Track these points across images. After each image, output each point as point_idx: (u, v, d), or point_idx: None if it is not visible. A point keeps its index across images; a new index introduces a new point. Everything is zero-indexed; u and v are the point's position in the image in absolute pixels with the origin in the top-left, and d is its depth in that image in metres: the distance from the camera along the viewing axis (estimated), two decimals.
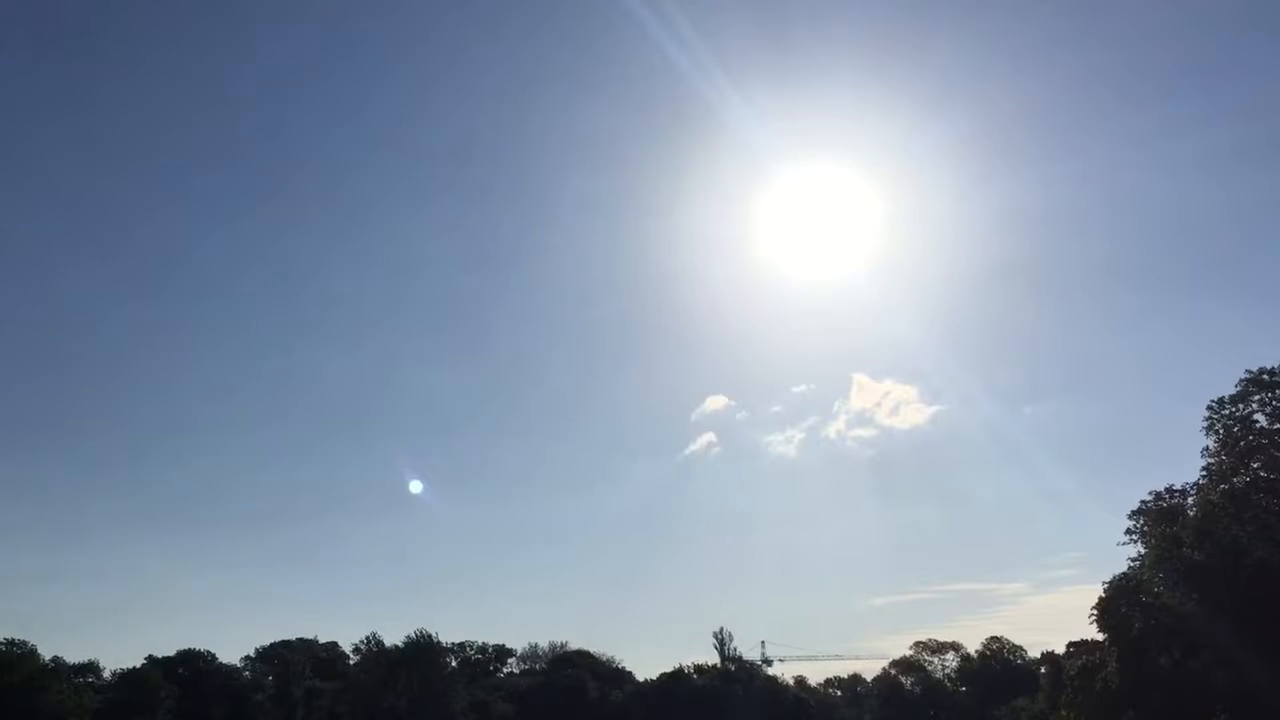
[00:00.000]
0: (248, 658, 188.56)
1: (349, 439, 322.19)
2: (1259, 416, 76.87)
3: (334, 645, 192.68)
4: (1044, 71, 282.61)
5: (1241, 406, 77.17)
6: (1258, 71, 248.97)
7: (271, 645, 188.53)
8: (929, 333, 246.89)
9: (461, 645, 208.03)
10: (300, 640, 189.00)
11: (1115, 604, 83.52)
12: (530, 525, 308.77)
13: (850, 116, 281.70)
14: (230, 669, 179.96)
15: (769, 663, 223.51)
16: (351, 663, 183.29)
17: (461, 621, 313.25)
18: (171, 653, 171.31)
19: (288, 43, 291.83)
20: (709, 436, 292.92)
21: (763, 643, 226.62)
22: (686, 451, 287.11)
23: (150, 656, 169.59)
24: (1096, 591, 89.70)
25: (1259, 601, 71.35)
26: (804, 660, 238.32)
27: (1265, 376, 75.95)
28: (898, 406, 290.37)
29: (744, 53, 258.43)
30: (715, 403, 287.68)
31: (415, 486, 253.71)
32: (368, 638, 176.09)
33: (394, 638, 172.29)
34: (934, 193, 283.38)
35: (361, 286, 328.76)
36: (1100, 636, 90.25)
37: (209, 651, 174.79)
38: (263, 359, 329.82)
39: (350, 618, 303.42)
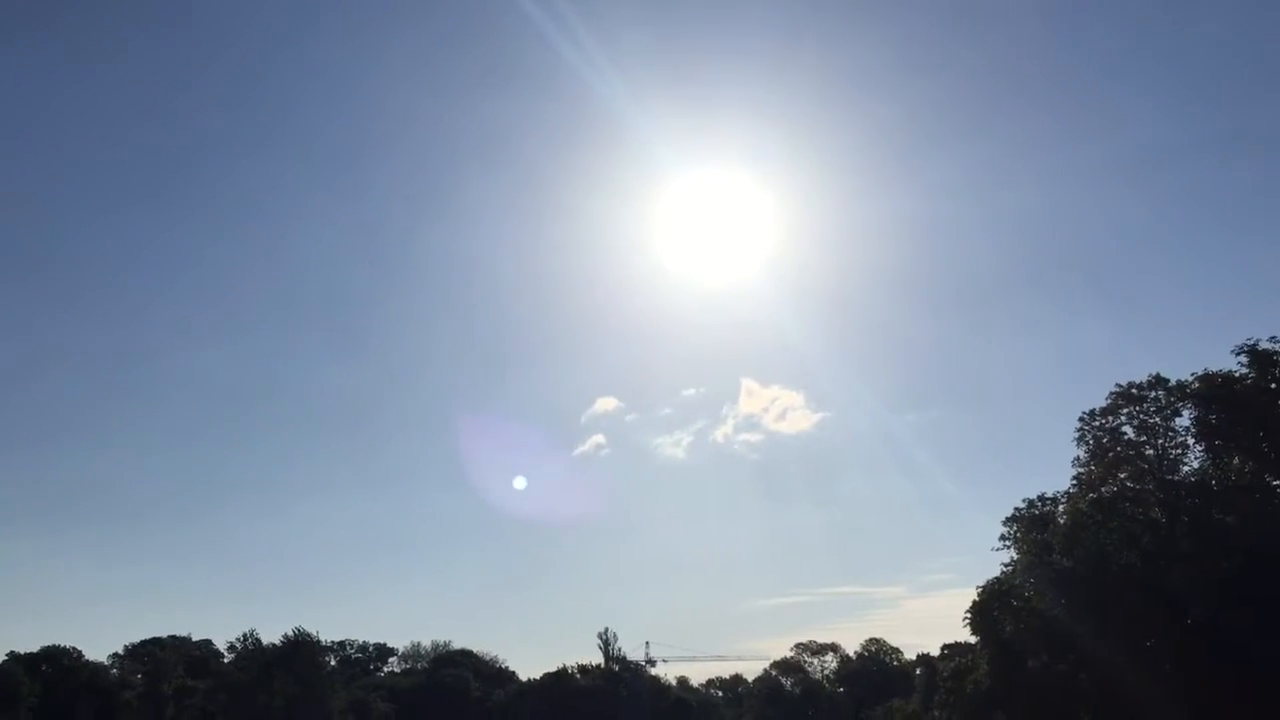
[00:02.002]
0: (116, 655, 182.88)
1: (229, 434, 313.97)
2: (1127, 429, 79.68)
3: (208, 643, 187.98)
4: (928, 81, 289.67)
5: (1111, 419, 79.84)
6: (1131, 85, 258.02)
7: (142, 643, 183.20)
8: (817, 339, 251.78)
9: (341, 644, 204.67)
10: (172, 638, 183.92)
11: (988, 608, 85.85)
12: (417, 523, 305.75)
13: (744, 123, 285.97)
14: (97, 666, 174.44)
15: (653, 663, 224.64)
16: (226, 661, 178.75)
17: (343, 620, 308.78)
18: (35, 649, 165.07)
19: (175, 30, 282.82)
20: (598, 438, 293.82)
21: (647, 643, 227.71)
22: (576, 452, 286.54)
23: (12, 653, 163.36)
24: (971, 596, 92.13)
25: (1123, 607, 74.04)
26: (687, 661, 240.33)
27: (1134, 390, 78.70)
28: (784, 412, 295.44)
29: (640, 59, 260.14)
30: (606, 404, 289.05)
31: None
32: (244, 635, 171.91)
33: (272, 636, 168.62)
34: (825, 200, 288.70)
35: (246, 281, 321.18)
36: (973, 639, 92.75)
37: (74, 648, 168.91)
38: (140, 353, 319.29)
39: (227, 616, 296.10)
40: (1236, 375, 74.40)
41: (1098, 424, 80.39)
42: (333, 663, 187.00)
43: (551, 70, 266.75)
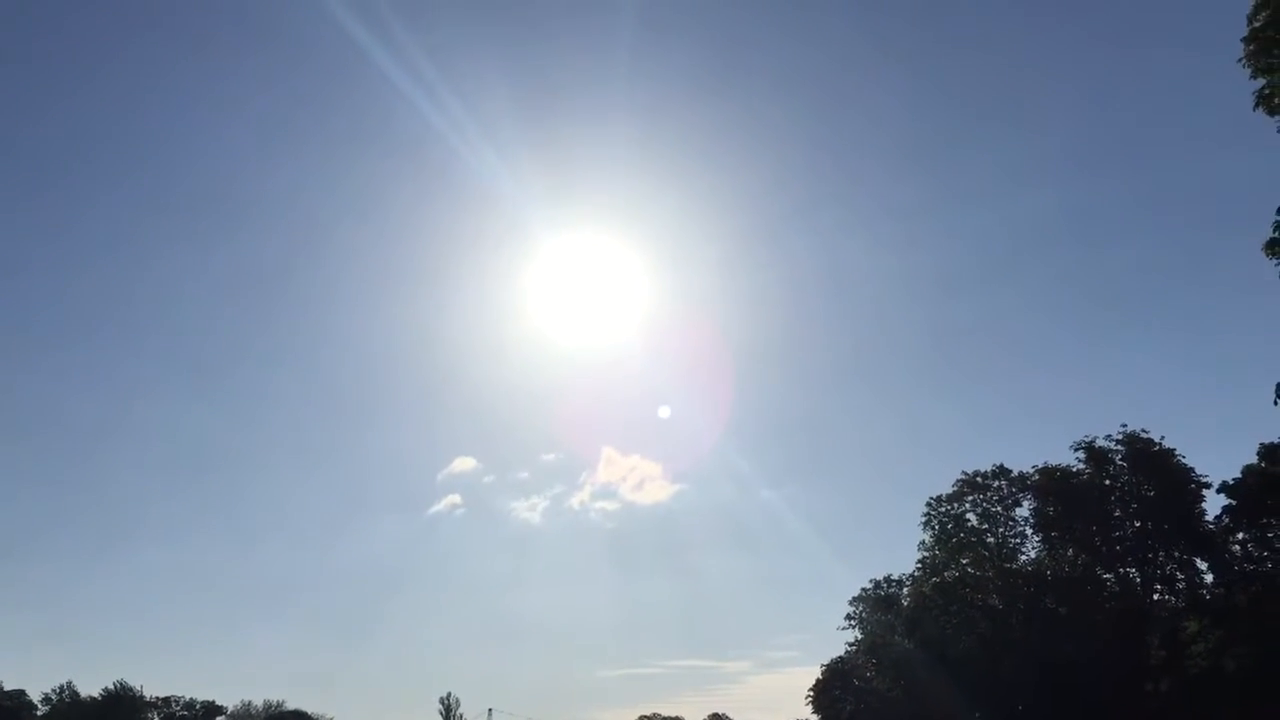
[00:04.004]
0: None
1: (58, 471, 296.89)
2: (970, 515, 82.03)
3: (20, 694, 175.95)
4: (795, 150, 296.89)
5: (956, 505, 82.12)
6: (992, 154, 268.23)
7: None
8: (680, 410, 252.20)
9: (167, 700, 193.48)
10: None
11: (830, 686, 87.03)
12: (255, 575, 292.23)
13: (615, 188, 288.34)
14: None
15: None
16: (40, 714, 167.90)
17: (169, 674, 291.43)
18: None
19: (46, 60, 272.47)
20: (454, 498, 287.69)
21: (490, 710, 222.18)
22: (430, 511, 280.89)
23: None
24: (815, 673, 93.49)
25: (959, 689, 75.68)
26: None
27: (979, 479, 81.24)
28: (642, 482, 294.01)
29: (507, 122, 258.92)
30: (464, 464, 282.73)
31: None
32: (60, 687, 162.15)
33: (91, 688, 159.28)
34: (695, 270, 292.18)
35: (101, 315, 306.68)
36: (814, 717, 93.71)
37: None
38: None
39: (43, 665, 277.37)
40: (1074, 470, 77.41)
41: (944, 510, 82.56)
42: (156, 719, 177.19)
43: (417, 133, 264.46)
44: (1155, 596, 75.76)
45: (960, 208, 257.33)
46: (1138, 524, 75.44)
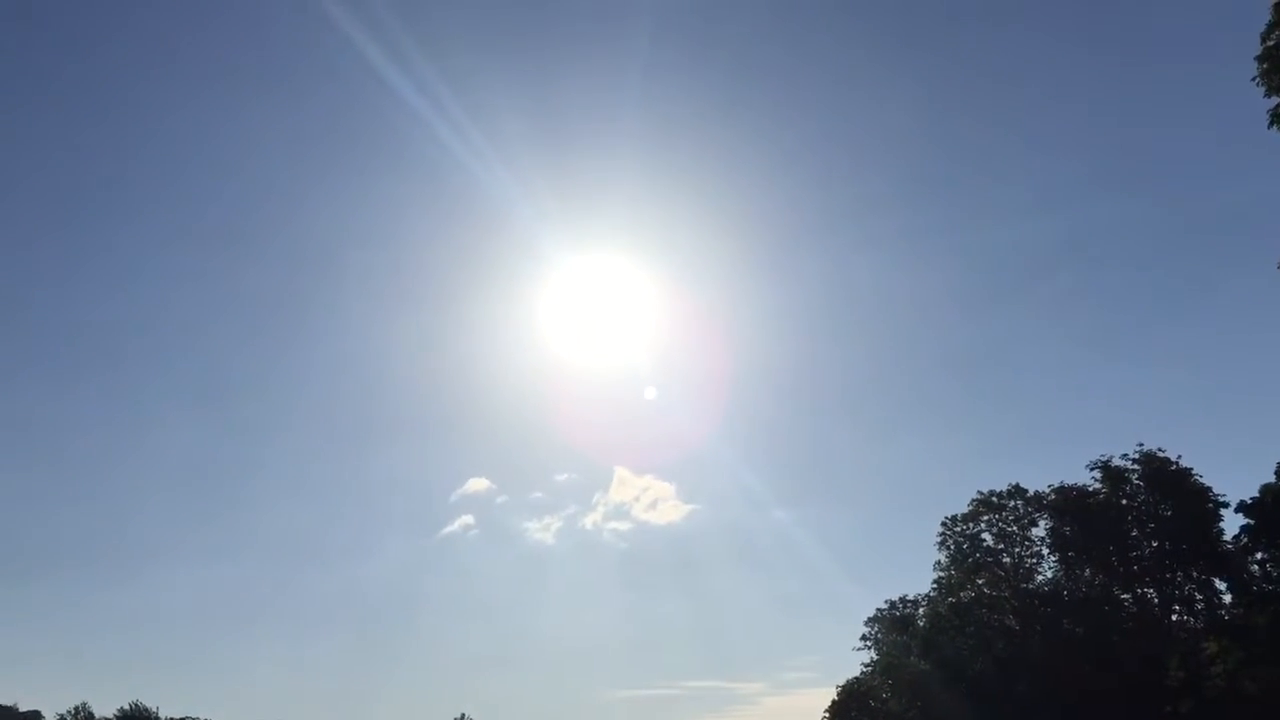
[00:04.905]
0: None
1: (74, 494, 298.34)
2: (986, 535, 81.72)
3: (37, 714, 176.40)
4: (809, 173, 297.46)
5: (971, 525, 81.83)
6: (1008, 174, 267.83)
7: None
8: (693, 430, 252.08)
9: None
10: None
11: (846, 708, 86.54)
12: (270, 597, 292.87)
13: (629, 211, 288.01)
14: None
15: None
16: None
17: (185, 695, 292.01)
18: None
19: (70, 92, 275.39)
20: (467, 518, 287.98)
21: None
22: (444, 532, 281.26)
23: None
24: (830, 694, 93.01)
25: (976, 710, 75.12)
26: None
27: (994, 499, 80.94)
28: (655, 502, 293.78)
29: (522, 145, 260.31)
30: (477, 485, 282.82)
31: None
32: (76, 708, 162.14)
33: (106, 709, 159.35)
34: (710, 291, 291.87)
35: (121, 341, 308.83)
36: None
37: None
38: None
39: (58, 685, 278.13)
40: (1090, 489, 77.03)
41: (959, 530, 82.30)
42: None
43: (433, 156, 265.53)
44: (1174, 617, 75.21)
45: (975, 228, 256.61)
46: (1155, 544, 75.04)
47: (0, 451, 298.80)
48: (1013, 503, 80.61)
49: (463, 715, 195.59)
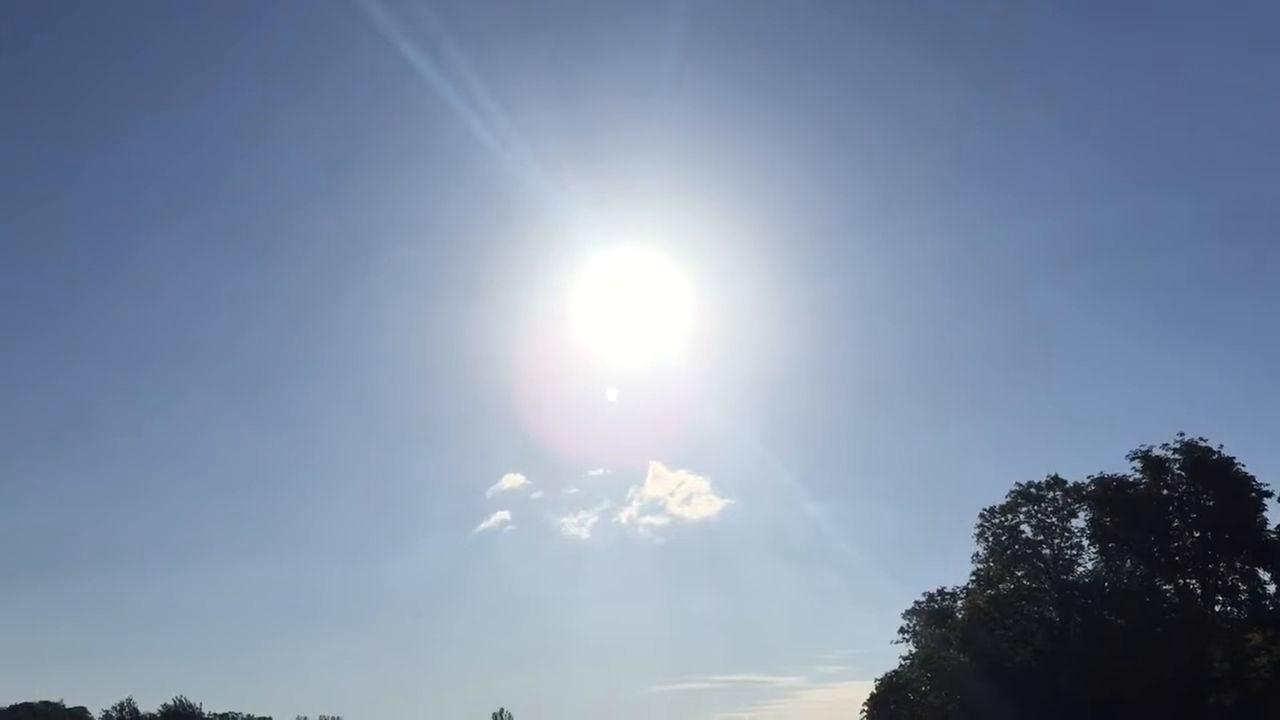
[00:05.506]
0: None
1: (114, 493, 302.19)
2: (1025, 527, 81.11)
3: (82, 710, 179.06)
4: (844, 168, 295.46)
5: (1010, 517, 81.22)
6: (1048, 165, 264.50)
7: (12, 708, 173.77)
8: (727, 425, 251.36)
9: (225, 716, 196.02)
10: (44, 704, 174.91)
11: (885, 701, 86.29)
12: (310, 593, 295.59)
13: (662, 204, 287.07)
14: None
15: None
16: None
17: (227, 690, 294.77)
18: None
19: (111, 94, 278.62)
20: (503, 514, 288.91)
21: None
22: (479, 528, 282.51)
23: None
24: (868, 687, 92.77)
25: (1016, 703, 74.69)
26: None
27: (1033, 490, 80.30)
28: (690, 497, 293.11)
29: (555, 138, 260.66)
30: (513, 480, 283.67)
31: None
32: (121, 704, 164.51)
33: (150, 705, 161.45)
34: (743, 284, 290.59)
35: (163, 342, 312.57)
36: None
37: None
38: (38, 396, 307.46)
39: (103, 682, 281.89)
40: (1130, 480, 76.32)
41: (997, 521, 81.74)
42: None
43: (468, 152, 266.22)
44: (1217, 608, 74.47)
45: (1016, 220, 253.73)
46: (1197, 534, 74.32)
47: (47, 452, 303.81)
48: (1052, 494, 79.99)
49: (501, 710, 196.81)
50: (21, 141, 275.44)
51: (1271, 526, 70.39)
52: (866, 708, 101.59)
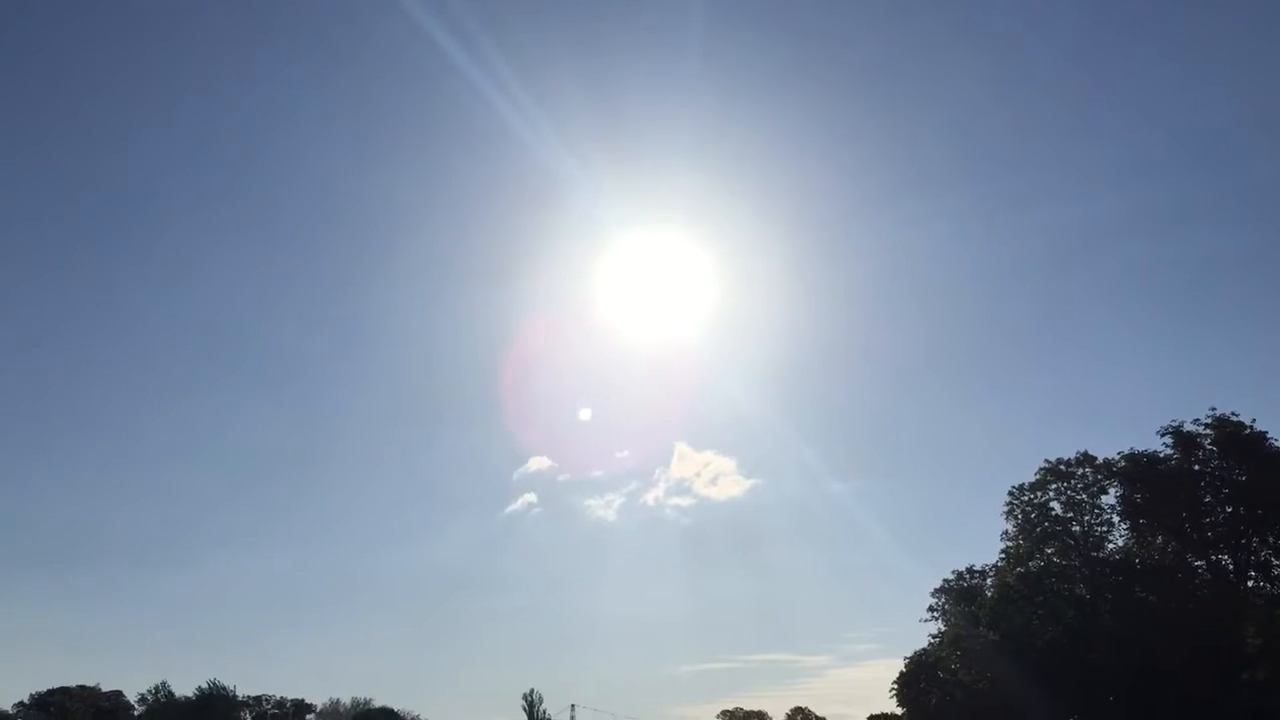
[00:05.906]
0: (21, 704, 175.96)
1: (145, 481, 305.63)
2: (1055, 504, 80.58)
3: (118, 694, 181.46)
4: (868, 148, 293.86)
5: (1039, 494, 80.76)
6: (1078, 149, 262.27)
7: (50, 691, 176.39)
8: (752, 405, 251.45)
9: (258, 699, 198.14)
10: (80, 687, 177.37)
11: (914, 679, 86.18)
12: (340, 576, 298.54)
13: (687, 185, 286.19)
14: (2, 714, 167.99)
15: None
16: (137, 714, 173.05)
17: (260, 674, 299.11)
18: None
19: (134, 84, 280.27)
20: (530, 496, 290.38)
21: (573, 706, 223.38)
22: (507, 510, 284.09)
23: None
24: (897, 666, 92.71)
25: (1046, 681, 74.52)
26: None
27: (1062, 467, 79.77)
28: (716, 477, 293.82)
29: (580, 119, 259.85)
30: (539, 463, 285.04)
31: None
32: (156, 687, 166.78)
33: (185, 688, 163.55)
34: (767, 265, 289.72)
35: (176, 330, 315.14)
36: (900, 710, 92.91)
37: None
38: (62, 396, 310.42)
39: (138, 666, 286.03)
40: (1161, 455, 75.74)
41: (1026, 499, 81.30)
42: (248, 718, 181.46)
43: (495, 131, 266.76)
44: (1249, 584, 73.87)
45: (1042, 201, 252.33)
46: (1230, 510, 73.65)
47: (80, 444, 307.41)
48: (1081, 470, 79.39)
49: (532, 690, 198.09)
50: (43, 134, 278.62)
51: None
52: (896, 686, 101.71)
